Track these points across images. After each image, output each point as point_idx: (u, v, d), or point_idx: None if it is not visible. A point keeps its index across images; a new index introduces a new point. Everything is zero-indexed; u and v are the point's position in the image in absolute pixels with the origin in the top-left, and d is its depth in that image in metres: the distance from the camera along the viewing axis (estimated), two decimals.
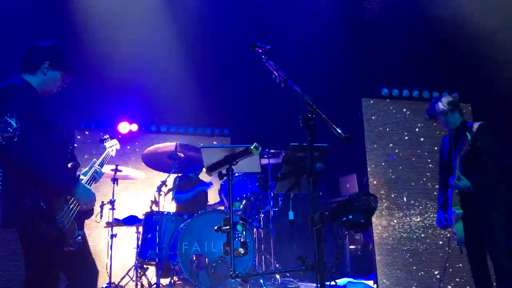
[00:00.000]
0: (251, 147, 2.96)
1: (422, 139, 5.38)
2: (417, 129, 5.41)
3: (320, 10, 5.19)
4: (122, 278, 5.56)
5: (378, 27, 5.25)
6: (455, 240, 3.82)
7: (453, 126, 4.00)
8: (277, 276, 5.40)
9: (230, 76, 5.98)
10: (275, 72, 2.49)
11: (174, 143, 5.42)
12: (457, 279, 5.07)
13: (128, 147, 6.90)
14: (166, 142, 5.47)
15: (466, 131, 3.81)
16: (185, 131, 7.51)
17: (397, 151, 5.30)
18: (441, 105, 4.02)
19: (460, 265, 5.06)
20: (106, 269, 5.40)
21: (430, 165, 5.29)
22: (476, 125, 3.84)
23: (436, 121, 4.12)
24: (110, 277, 5.32)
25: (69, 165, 2.84)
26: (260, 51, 2.61)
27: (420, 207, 5.20)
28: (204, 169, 3.13)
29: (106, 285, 5.26)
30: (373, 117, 5.32)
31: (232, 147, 3.11)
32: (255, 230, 5.57)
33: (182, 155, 5.43)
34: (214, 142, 7.53)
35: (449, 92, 4.91)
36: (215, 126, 7.72)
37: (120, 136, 6.96)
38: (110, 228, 5.49)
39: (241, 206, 5.07)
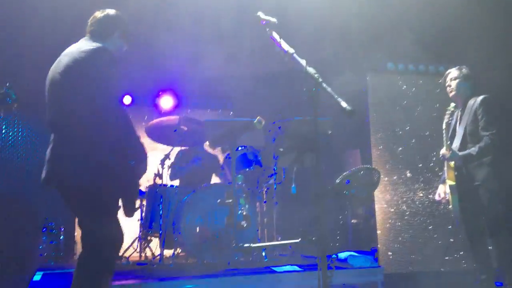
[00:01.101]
0: (254, 121, 2.95)
1: (427, 113, 5.33)
2: (422, 104, 5.35)
3: None
4: (126, 250, 5.64)
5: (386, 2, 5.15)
6: (452, 214, 3.86)
7: (462, 96, 3.94)
8: (279, 249, 5.46)
9: (232, 49, 5.90)
10: (279, 45, 2.45)
11: (178, 116, 5.41)
12: (459, 256, 5.10)
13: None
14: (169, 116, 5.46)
15: (471, 104, 3.80)
16: (188, 104, 7.49)
17: (402, 125, 5.26)
18: (457, 70, 4.01)
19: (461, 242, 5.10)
20: None
21: (436, 140, 5.24)
22: (480, 98, 3.81)
23: (446, 89, 4.06)
24: None
25: None
26: (265, 23, 2.56)
27: (425, 182, 5.19)
28: (207, 142, 3.13)
29: None
30: (378, 92, 5.27)
31: (235, 121, 3.11)
32: (257, 203, 5.61)
33: (186, 128, 5.42)
34: (217, 116, 7.51)
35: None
36: (218, 99, 7.67)
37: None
38: None
39: (244, 179, 5.09)
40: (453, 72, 4.03)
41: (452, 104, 3.96)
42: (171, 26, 5.36)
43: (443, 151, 3.86)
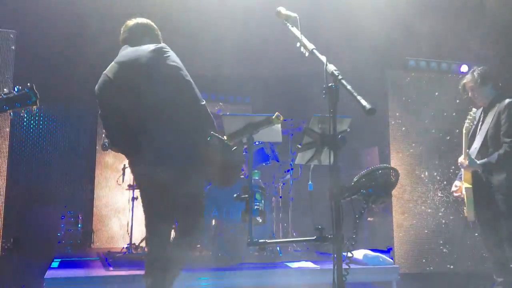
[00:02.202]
0: (273, 117, 2.93)
1: (447, 113, 5.24)
2: (443, 103, 5.26)
3: None
4: (142, 240, 5.69)
5: None
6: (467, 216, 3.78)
7: (484, 101, 3.81)
8: (294, 245, 5.45)
9: (252, 43, 5.88)
10: (299, 41, 2.42)
11: None
12: (474, 258, 5.03)
13: None
14: None
15: (496, 107, 3.68)
16: (207, 97, 7.51)
17: (422, 124, 5.18)
18: (471, 77, 3.84)
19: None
20: (127, 230, 5.55)
21: (455, 139, 5.16)
22: (506, 101, 3.67)
23: (468, 95, 3.94)
24: (130, 238, 5.47)
25: None
26: (285, 18, 2.54)
27: (444, 182, 5.11)
28: (224, 137, 3.13)
29: (126, 245, 5.41)
30: (398, 90, 5.20)
31: (253, 116, 3.09)
32: (273, 198, 5.61)
33: None
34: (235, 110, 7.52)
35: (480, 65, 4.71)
36: (236, 93, 7.67)
37: None
38: (131, 191, 5.60)
39: (261, 174, 5.09)
40: (468, 80, 3.84)
41: (474, 110, 3.83)
42: (193, 26, 5.39)
43: (461, 159, 3.74)
